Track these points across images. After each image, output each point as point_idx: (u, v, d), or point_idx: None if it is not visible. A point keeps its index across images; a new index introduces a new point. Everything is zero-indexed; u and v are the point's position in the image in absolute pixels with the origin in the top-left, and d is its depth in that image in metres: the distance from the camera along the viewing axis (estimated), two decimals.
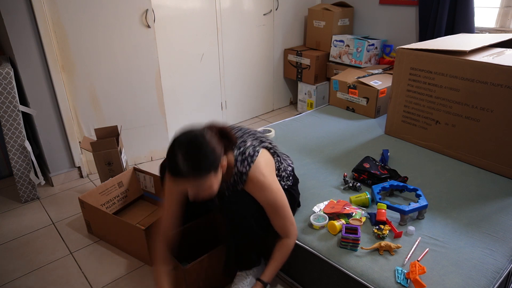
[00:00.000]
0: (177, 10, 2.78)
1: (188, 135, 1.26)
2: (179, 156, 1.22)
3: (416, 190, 1.73)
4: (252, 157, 1.42)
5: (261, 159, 1.44)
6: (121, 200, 2.21)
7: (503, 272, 1.38)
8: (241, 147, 1.45)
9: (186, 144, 1.24)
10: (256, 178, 1.41)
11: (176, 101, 3.01)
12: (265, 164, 1.45)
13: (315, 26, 3.54)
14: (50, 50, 2.29)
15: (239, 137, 1.49)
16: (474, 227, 1.59)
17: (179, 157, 1.21)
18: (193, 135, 1.26)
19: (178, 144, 1.24)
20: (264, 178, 1.41)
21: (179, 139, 1.25)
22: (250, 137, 1.51)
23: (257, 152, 1.44)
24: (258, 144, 1.49)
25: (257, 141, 1.50)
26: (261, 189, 1.41)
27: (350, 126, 2.62)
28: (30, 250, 2.00)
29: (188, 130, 1.28)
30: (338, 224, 1.57)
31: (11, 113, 2.19)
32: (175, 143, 1.25)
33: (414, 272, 1.30)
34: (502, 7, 2.73)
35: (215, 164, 1.28)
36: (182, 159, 1.21)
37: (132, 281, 1.78)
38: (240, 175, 1.43)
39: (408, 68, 2.25)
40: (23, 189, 2.38)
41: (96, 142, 2.25)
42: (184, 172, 1.22)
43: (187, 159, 1.22)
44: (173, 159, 1.23)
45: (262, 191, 1.41)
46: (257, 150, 1.45)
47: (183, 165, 1.21)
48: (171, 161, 1.23)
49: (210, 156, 1.26)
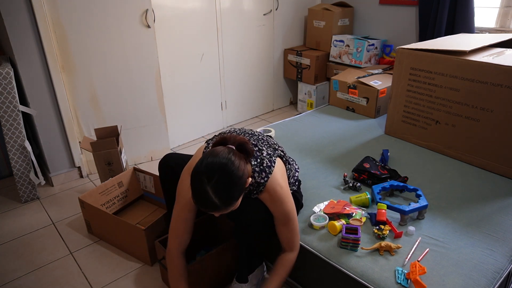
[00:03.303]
0: (177, 10, 2.78)
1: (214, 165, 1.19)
2: (209, 191, 1.17)
3: (416, 190, 1.73)
4: (270, 167, 1.39)
5: (277, 170, 1.42)
6: (121, 200, 2.21)
7: (503, 272, 1.38)
8: (258, 158, 1.41)
9: (215, 177, 1.17)
10: (273, 189, 1.38)
11: (176, 101, 3.01)
12: (281, 175, 1.44)
13: (315, 26, 3.54)
14: (50, 50, 2.29)
15: (253, 145, 1.45)
16: (474, 227, 1.59)
17: (209, 192, 1.17)
18: (220, 165, 1.19)
19: (207, 177, 1.17)
20: (281, 190, 1.39)
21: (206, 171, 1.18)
22: (264, 144, 1.48)
23: (273, 162, 1.42)
24: (273, 153, 1.46)
25: (271, 149, 1.48)
26: (277, 200, 1.39)
27: (350, 126, 2.61)
28: (30, 250, 2.00)
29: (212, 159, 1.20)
30: (338, 224, 1.57)
31: (11, 113, 2.19)
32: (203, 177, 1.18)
33: (414, 273, 1.30)
34: (502, 7, 2.73)
35: (244, 188, 1.26)
36: (212, 194, 1.17)
37: (132, 281, 1.78)
38: (257, 186, 1.40)
39: (408, 68, 2.24)
40: (23, 189, 2.38)
41: (96, 142, 2.25)
42: (215, 205, 1.19)
43: (218, 193, 1.18)
44: (202, 193, 1.17)
45: (278, 202, 1.39)
46: (273, 161, 1.42)
47: (214, 199, 1.18)
48: (200, 195, 1.18)
49: (240, 183, 1.22)
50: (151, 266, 1.86)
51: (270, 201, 1.41)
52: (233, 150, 1.27)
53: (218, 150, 1.25)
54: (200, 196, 1.18)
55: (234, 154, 1.24)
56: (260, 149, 1.45)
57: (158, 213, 2.21)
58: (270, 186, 1.39)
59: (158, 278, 1.79)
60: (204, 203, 1.19)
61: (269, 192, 1.39)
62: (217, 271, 1.64)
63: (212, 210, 1.21)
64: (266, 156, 1.42)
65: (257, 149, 1.44)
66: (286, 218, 1.42)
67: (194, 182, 1.20)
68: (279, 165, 1.46)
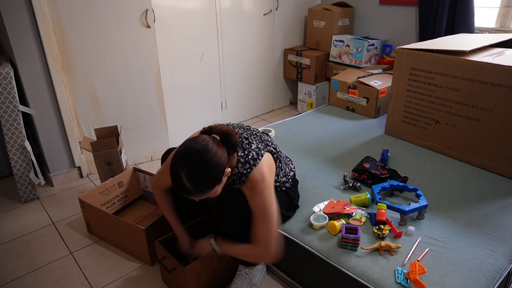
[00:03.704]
0: (177, 10, 2.78)
1: (191, 151, 1.22)
2: (182, 176, 1.19)
3: (416, 190, 1.73)
4: (255, 160, 1.40)
5: (263, 163, 1.41)
6: (121, 200, 2.21)
7: (503, 272, 1.38)
8: (246, 150, 1.42)
9: (189, 164, 1.20)
10: (255, 180, 1.37)
11: (176, 101, 3.01)
12: (268, 169, 1.43)
13: (315, 26, 3.54)
14: (50, 50, 2.29)
15: (244, 138, 1.46)
16: (474, 227, 1.59)
17: (183, 177, 1.19)
18: (196, 152, 1.21)
19: (181, 162, 1.20)
20: (262, 182, 1.38)
21: (181, 157, 1.21)
22: (255, 139, 1.49)
23: (261, 156, 1.41)
24: (263, 148, 1.46)
25: (262, 144, 1.48)
26: (257, 193, 1.38)
27: (350, 126, 2.62)
28: (30, 250, 2.00)
29: (190, 145, 1.23)
30: (338, 224, 1.57)
31: (11, 113, 2.19)
32: (178, 162, 1.21)
33: (414, 272, 1.30)
34: (502, 7, 2.73)
35: (219, 178, 1.26)
36: (186, 179, 1.19)
37: (132, 281, 1.78)
38: (239, 176, 1.41)
39: (408, 68, 2.25)
40: (23, 189, 2.38)
41: (96, 142, 2.25)
42: (188, 190, 1.22)
43: (191, 179, 1.20)
44: (176, 177, 1.21)
45: (257, 194, 1.38)
46: (261, 154, 1.42)
47: (187, 185, 1.20)
48: (175, 179, 1.21)
49: (215, 171, 1.23)
50: (151, 266, 1.86)
51: (249, 193, 1.39)
52: (215, 139, 1.28)
53: (200, 137, 1.27)
54: (174, 180, 1.22)
55: (214, 143, 1.25)
56: (250, 142, 1.45)
57: (158, 213, 2.21)
58: (252, 177, 1.37)
59: (158, 278, 1.79)
60: (178, 187, 1.22)
61: (251, 182, 1.38)
62: (217, 271, 1.64)
63: (185, 194, 1.23)
64: (254, 149, 1.43)
65: (247, 142, 1.44)
66: (262, 213, 1.37)
67: (171, 166, 1.23)
68: (267, 159, 1.45)
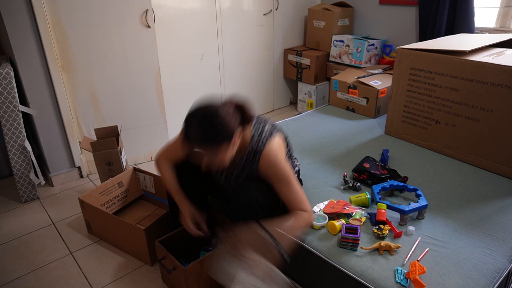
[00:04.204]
0: (177, 10, 2.79)
1: (205, 106, 1.32)
2: (194, 125, 1.28)
3: (416, 190, 1.73)
4: (268, 138, 1.46)
5: (276, 141, 1.47)
6: (121, 200, 2.21)
7: (503, 272, 1.38)
8: (259, 129, 1.49)
9: (201, 115, 1.29)
10: (268, 154, 1.43)
11: (176, 101, 3.01)
12: (279, 147, 1.48)
13: (315, 26, 3.54)
14: (50, 50, 2.29)
15: (257, 122, 1.52)
16: (474, 227, 1.59)
17: (194, 125, 1.28)
18: (209, 107, 1.31)
19: (195, 113, 1.30)
20: (276, 156, 1.44)
21: (196, 108, 1.31)
22: (268, 123, 1.55)
23: (273, 136, 1.48)
24: (275, 131, 1.52)
25: (274, 128, 1.54)
26: (273, 164, 1.43)
27: (350, 126, 2.61)
28: (30, 250, 2.00)
29: (206, 102, 1.33)
30: (338, 224, 1.57)
31: (11, 113, 2.19)
32: (192, 112, 1.31)
33: (414, 272, 1.30)
34: (502, 7, 2.73)
35: (228, 137, 1.32)
36: (196, 128, 1.28)
37: (132, 281, 1.78)
38: (253, 154, 1.46)
39: (408, 68, 2.25)
40: (23, 189, 2.38)
41: (96, 142, 2.25)
42: (197, 140, 1.28)
43: (200, 129, 1.28)
44: (188, 126, 1.29)
45: (274, 166, 1.43)
46: (274, 134, 1.49)
47: (196, 134, 1.27)
48: (187, 127, 1.29)
49: (224, 128, 1.30)
50: (151, 266, 1.86)
51: (267, 167, 1.44)
52: (231, 103, 1.36)
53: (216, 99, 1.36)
54: (187, 128, 1.29)
55: (228, 107, 1.33)
56: (264, 125, 1.51)
57: (158, 213, 2.21)
58: (266, 153, 1.44)
59: (158, 278, 1.79)
60: (188, 134, 1.29)
61: (265, 158, 1.43)
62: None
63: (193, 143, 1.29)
64: (267, 129, 1.49)
65: (261, 124, 1.51)
66: (286, 180, 1.43)
67: (186, 116, 1.31)
68: (279, 139, 1.50)
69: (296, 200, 1.44)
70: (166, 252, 1.59)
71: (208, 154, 1.32)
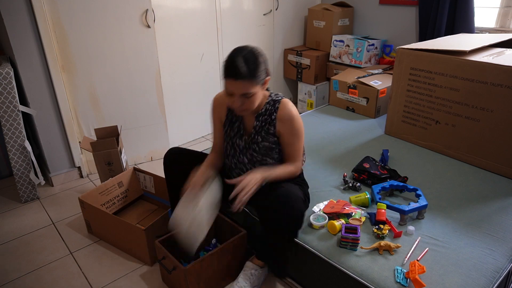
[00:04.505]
0: (177, 10, 2.78)
1: (248, 46, 1.47)
2: (239, 60, 1.39)
3: (416, 190, 1.73)
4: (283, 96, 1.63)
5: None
6: (121, 200, 2.21)
7: (503, 272, 1.38)
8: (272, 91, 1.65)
9: (246, 51, 1.43)
10: (287, 103, 1.59)
11: (176, 101, 3.01)
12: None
13: (315, 26, 3.54)
14: (50, 50, 2.29)
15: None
16: (474, 227, 1.59)
17: (240, 60, 1.39)
18: (252, 47, 1.47)
19: (240, 50, 1.43)
20: (294, 108, 1.60)
21: (240, 48, 1.45)
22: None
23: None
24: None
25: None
26: (291, 115, 1.57)
27: (350, 126, 2.62)
28: (30, 250, 2.00)
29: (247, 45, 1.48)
30: (337, 224, 1.57)
31: (11, 113, 2.19)
32: (237, 51, 1.43)
33: (413, 272, 1.30)
34: (502, 7, 2.73)
35: (264, 75, 1.47)
36: (242, 62, 1.39)
37: (132, 281, 1.78)
38: (273, 103, 1.59)
39: (408, 68, 2.25)
40: (23, 189, 2.38)
41: (96, 142, 2.25)
42: (242, 72, 1.39)
43: (246, 62, 1.40)
44: (233, 62, 1.40)
45: (292, 117, 1.57)
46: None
47: (242, 67, 1.39)
48: (232, 64, 1.40)
49: (263, 65, 1.45)
50: (151, 266, 1.86)
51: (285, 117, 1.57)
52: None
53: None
54: (231, 63, 1.40)
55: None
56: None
57: (158, 213, 2.21)
58: (284, 102, 1.59)
59: (158, 278, 1.79)
60: (234, 69, 1.39)
61: (284, 106, 1.58)
62: (217, 271, 1.64)
63: (238, 76, 1.39)
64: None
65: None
66: (298, 134, 1.60)
67: (228, 55, 1.43)
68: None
69: (296, 156, 1.64)
70: (166, 252, 1.60)
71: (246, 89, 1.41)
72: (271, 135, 1.60)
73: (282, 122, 1.58)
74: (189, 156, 1.74)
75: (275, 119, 1.58)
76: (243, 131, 1.65)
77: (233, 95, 1.44)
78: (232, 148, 1.68)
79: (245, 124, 1.65)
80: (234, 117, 1.66)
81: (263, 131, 1.60)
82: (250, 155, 1.63)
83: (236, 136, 1.65)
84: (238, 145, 1.66)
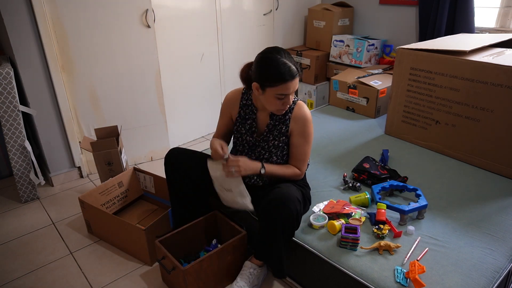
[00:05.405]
0: (177, 10, 2.78)
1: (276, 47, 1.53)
2: (287, 61, 1.45)
3: (416, 190, 1.73)
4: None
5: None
6: (121, 200, 2.21)
7: (503, 272, 1.38)
8: None
9: (282, 51, 1.49)
10: (302, 105, 1.64)
11: (176, 101, 3.01)
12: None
13: (315, 26, 3.54)
14: (50, 50, 2.29)
15: None
16: (474, 227, 1.59)
17: (287, 60, 1.46)
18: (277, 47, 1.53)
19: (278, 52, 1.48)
20: (308, 111, 1.64)
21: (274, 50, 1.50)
22: None
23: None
24: None
25: None
26: (305, 117, 1.62)
27: (350, 126, 2.62)
28: (30, 250, 2.00)
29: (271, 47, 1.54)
30: (337, 224, 1.57)
31: (11, 113, 2.19)
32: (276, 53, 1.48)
33: (413, 272, 1.30)
34: (502, 7, 2.73)
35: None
36: (290, 61, 1.47)
37: (132, 281, 1.78)
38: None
39: (408, 68, 2.25)
40: (23, 189, 2.38)
41: (96, 142, 2.25)
42: (297, 69, 1.47)
43: (291, 60, 1.48)
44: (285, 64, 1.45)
45: (305, 119, 1.62)
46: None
47: (294, 65, 1.46)
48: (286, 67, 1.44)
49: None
50: (151, 266, 1.86)
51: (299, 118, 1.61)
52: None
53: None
54: (284, 67, 1.44)
55: None
56: None
57: (158, 213, 2.21)
58: (300, 104, 1.64)
59: (158, 278, 1.79)
60: (289, 70, 1.44)
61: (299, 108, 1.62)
62: (216, 272, 1.64)
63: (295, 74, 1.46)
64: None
65: None
66: (307, 137, 1.63)
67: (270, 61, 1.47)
68: None
69: (301, 158, 1.66)
70: (166, 252, 1.59)
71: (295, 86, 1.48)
72: (283, 134, 1.63)
73: (295, 121, 1.62)
74: (190, 157, 1.75)
75: (289, 118, 1.62)
76: (255, 129, 1.67)
77: (287, 95, 1.49)
78: (241, 145, 1.72)
79: (258, 122, 1.67)
80: (247, 115, 1.68)
81: (275, 130, 1.63)
82: (258, 152, 1.67)
83: (247, 133, 1.69)
84: (248, 142, 1.70)
